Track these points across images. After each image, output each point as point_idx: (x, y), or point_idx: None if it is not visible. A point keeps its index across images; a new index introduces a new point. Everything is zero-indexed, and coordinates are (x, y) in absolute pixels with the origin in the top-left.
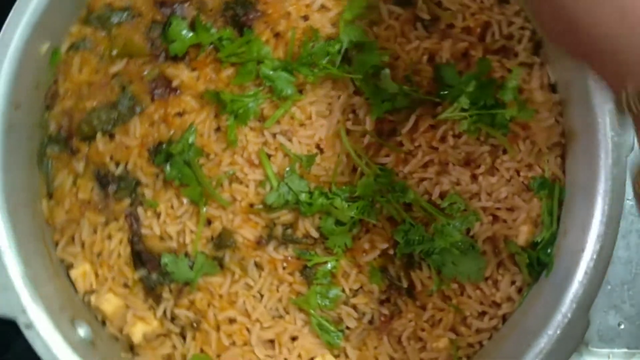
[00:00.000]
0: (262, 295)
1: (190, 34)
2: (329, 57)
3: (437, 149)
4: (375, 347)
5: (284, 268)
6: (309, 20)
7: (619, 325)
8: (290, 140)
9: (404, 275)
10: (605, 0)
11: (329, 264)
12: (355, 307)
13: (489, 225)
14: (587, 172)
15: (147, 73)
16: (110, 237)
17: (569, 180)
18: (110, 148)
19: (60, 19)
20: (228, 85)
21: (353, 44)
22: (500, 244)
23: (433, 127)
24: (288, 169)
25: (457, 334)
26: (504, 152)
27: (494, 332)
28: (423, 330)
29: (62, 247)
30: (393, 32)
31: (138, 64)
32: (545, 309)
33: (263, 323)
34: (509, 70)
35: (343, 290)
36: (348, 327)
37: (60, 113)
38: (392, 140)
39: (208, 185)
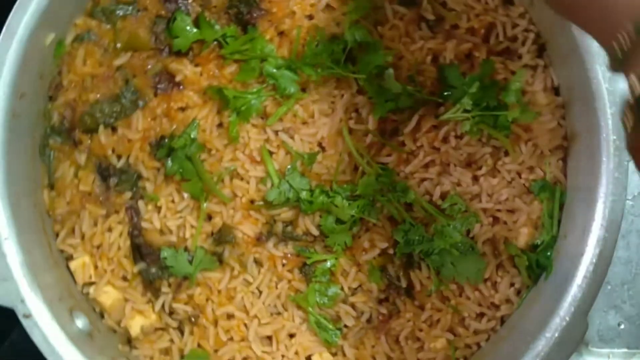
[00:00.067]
0: (260, 292)
1: (194, 30)
2: (333, 56)
3: (438, 150)
4: (373, 346)
5: (284, 265)
6: (314, 20)
7: (619, 325)
8: (293, 138)
9: (403, 275)
10: None
11: (329, 262)
12: (354, 305)
13: (489, 227)
14: (588, 175)
15: (150, 67)
16: (111, 229)
17: (570, 183)
18: (113, 141)
19: (66, 10)
20: (231, 82)
21: (357, 44)
22: (500, 246)
23: (435, 127)
24: (289, 167)
25: (455, 335)
26: (506, 153)
27: (492, 333)
28: (421, 331)
29: (62, 238)
30: (397, 32)
31: (142, 58)
32: (544, 312)
33: (261, 319)
34: (513, 72)
35: (342, 289)
36: (346, 325)
37: (63, 104)
38: (394, 140)
39: (209, 181)
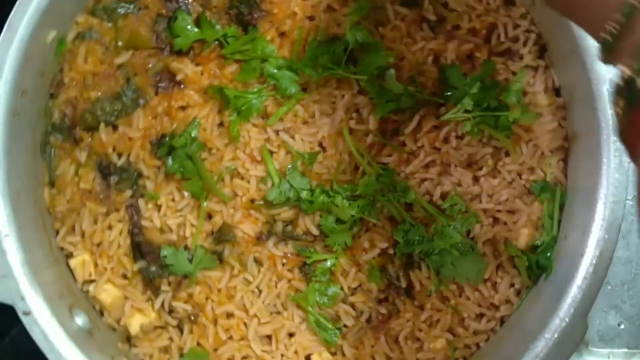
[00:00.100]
0: (260, 291)
1: (195, 30)
2: (334, 57)
3: (439, 150)
4: (372, 346)
5: (283, 264)
6: (315, 20)
7: (619, 325)
8: (293, 138)
9: (403, 275)
10: None
11: (328, 262)
12: (353, 305)
13: (489, 228)
14: (588, 176)
15: (151, 66)
16: (111, 227)
17: (571, 184)
18: (113, 139)
19: (67, 8)
20: (232, 81)
21: (359, 44)
22: (500, 247)
23: (436, 127)
24: (290, 166)
25: (454, 335)
26: (506, 154)
27: (492, 334)
28: (420, 331)
29: (62, 235)
30: (399, 32)
31: (143, 57)
32: (544, 313)
33: (261, 318)
34: (514, 73)
35: (341, 288)
36: (345, 325)
37: (65, 102)
38: (395, 140)
39: (209, 180)
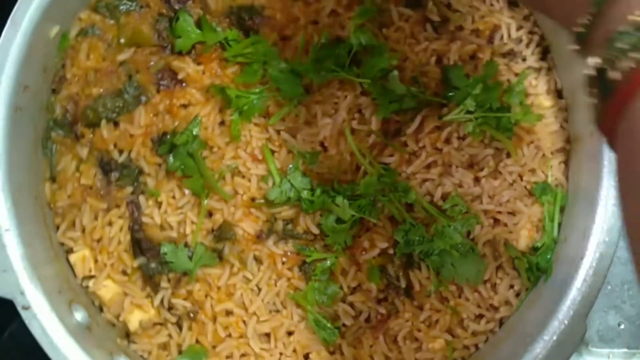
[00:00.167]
0: (260, 289)
1: (197, 32)
2: (338, 59)
3: (441, 151)
4: (371, 345)
5: (283, 263)
6: (319, 24)
7: (619, 325)
8: (295, 137)
9: (403, 275)
10: None
11: (328, 261)
12: (353, 304)
13: (490, 229)
14: (590, 178)
15: (153, 64)
16: (111, 223)
17: (572, 187)
18: (115, 136)
19: (70, 3)
20: (233, 81)
21: (362, 47)
22: (500, 248)
23: (438, 128)
24: (291, 166)
25: (453, 336)
26: (508, 155)
27: (491, 335)
28: (419, 331)
29: (62, 231)
30: (403, 33)
31: (145, 54)
32: (543, 315)
33: (260, 316)
34: (516, 74)
35: (341, 288)
36: (344, 324)
37: (66, 98)
38: (396, 141)
39: (210, 178)
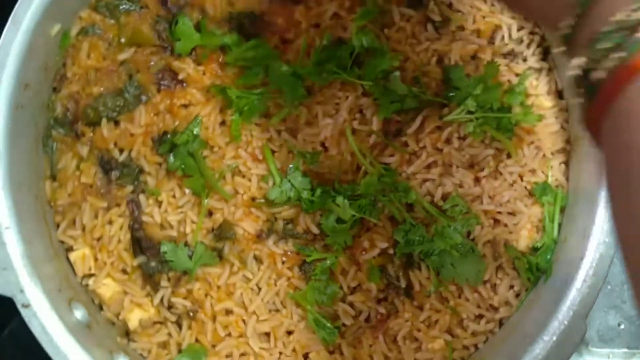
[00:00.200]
0: (259, 288)
1: (196, 35)
2: (340, 61)
3: (441, 151)
4: (371, 345)
5: (283, 262)
6: (321, 27)
7: (619, 325)
8: (295, 138)
9: (403, 275)
10: None
11: (328, 261)
12: (352, 304)
13: (490, 229)
14: (590, 179)
15: (154, 64)
16: (111, 222)
17: (572, 187)
18: (115, 135)
19: (71, 3)
20: (234, 82)
21: (364, 49)
22: (500, 248)
23: (439, 128)
24: (291, 166)
25: (453, 336)
26: (508, 156)
27: (490, 335)
28: (419, 331)
29: (62, 229)
30: (404, 33)
31: (145, 54)
32: (543, 315)
33: (259, 316)
34: (517, 75)
35: (341, 288)
36: (344, 324)
37: (67, 96)
38: (397, 141)
39: (211, 177)
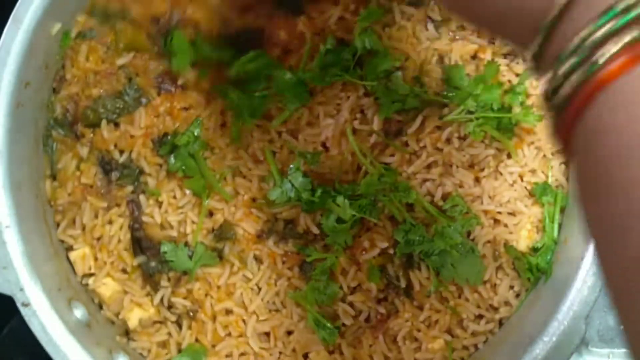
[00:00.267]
0: (259, 288)
1: (192, 50)
2: (343, 63)
3: (441, 151)
4: (371, 345)
5: (283, 262)
6: (325, 31)
7: (619, 325)
8: (296, 138)
9: (403, 275)
10: None
11: (328, 261)
12: (352, 304)
13: (490, 229)
14: None
15: (153, 68)
16: (111, 222)
17: (572, 188)
18: (115, 136)
19: (71, 4)
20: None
21: (367, 50)
22: (500, 248)
23: (439, 128)
24: (292, 166)
25: (452, 336)
26: (509, 156)
27: (490, 335)
28: (419, 331)
29: (62, 228)
30: (405, 32)
31: (144, 59)
32: (542, 315)
33: (259, 316)
34: (517, 75)
35: (341, 287)
36: (344, 324)
37: (66, 98)
38: (398, 140)
39: (211, 178)
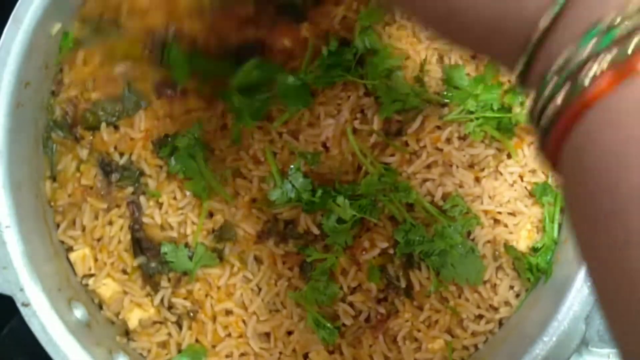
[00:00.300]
0: (260, 289)
1: (190, 63)
2: (344, 63)
3: (441, 150)
4: (370, 345)
5: (284, 263)
6: (328, 33)
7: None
8: (297, 139)
9: (403, 275)
10: None
11: (328, 261)
12: (352, 304)
13: (490, 229)
14: None
15: (151, 75)
16: (111, 223)
17: None
18: (115, 139)
19: (72, 2)
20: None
21: (367, 50)
22: (500, 248)
23: (439, 128)
24: (292, 167)
25: (452, 336)
26: (509, 156)
27: (490, 335)
28: (419, 331)
29: (62, 229)
30: (405, 31)
31: (142, 66)
32: (542, 315)
33: (260, 316)
34: None
35: (341, 288)
36: (344, 324)
37: (65, 100)
38: (398, 140)
39: (212, 180)
